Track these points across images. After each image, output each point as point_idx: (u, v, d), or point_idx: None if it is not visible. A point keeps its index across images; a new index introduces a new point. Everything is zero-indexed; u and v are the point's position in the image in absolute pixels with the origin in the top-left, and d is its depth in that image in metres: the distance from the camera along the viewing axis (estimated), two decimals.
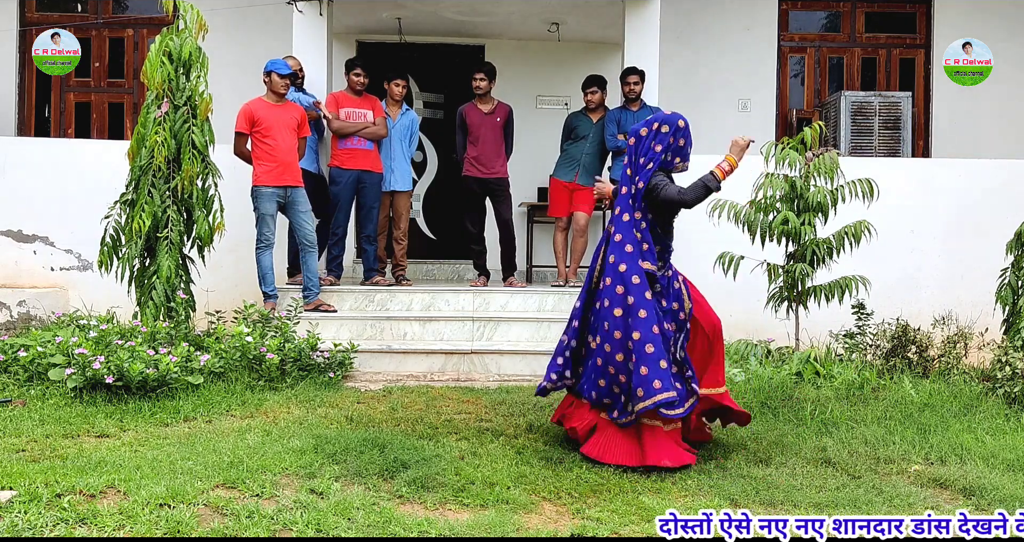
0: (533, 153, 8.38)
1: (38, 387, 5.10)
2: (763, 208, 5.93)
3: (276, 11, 7.73)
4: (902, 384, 5.34)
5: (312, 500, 3.38)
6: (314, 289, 6.44)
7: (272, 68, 6.31)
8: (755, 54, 9.05)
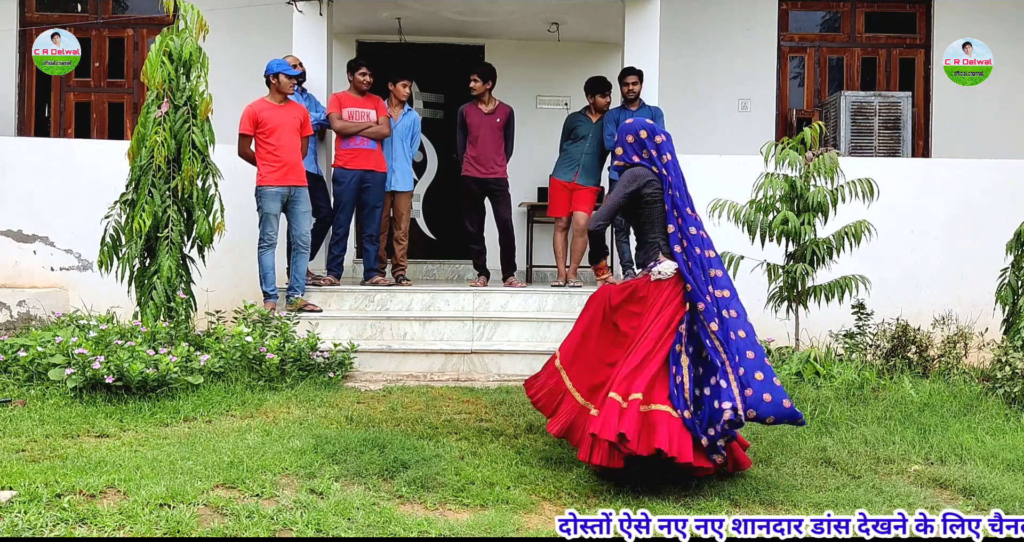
0: (533, 153, 8.38)
1: (38, 387, 5.10)
2: (763, 208, 5.93)
3: (276, 11, 7.73)
4: (902, 384, 5.34)
5: (312, 500, 3.38)
6: (299, 289, 6.45)
7: (280, 69, 6.33)
8: (755, 54, 9.05)
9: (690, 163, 7.29)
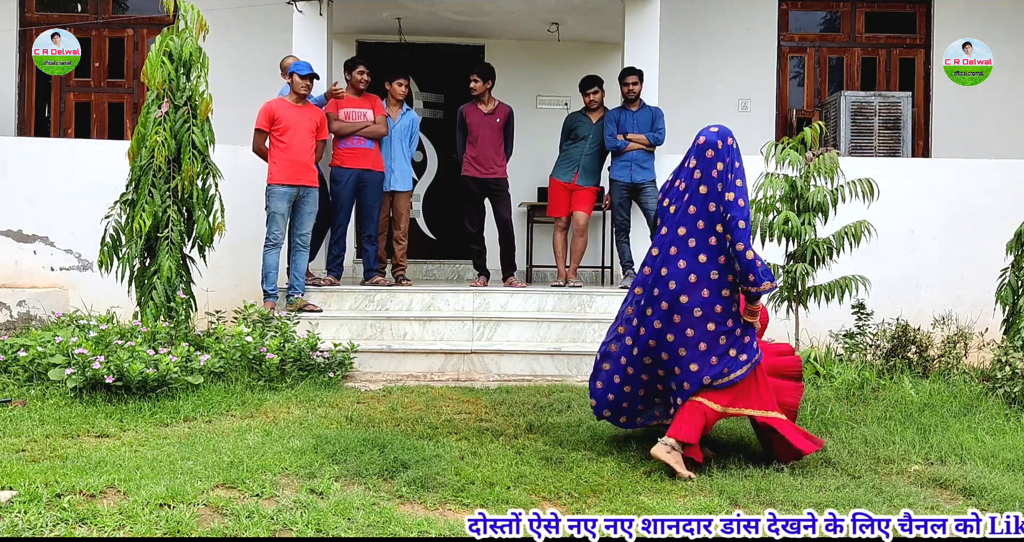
0: (533, 153, 8.38)
1: (38, 387, 5.10)
2: (763, 208, 5.93)
3: (276, 11, 7.73)
4: (902, 384, 5.34)
5: (312, 500, 3.38)
6: (299, 289, 6.46)
7: (293, 70, 6.43)
8: (755, 54, 9.06)
9: None
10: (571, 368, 6.14)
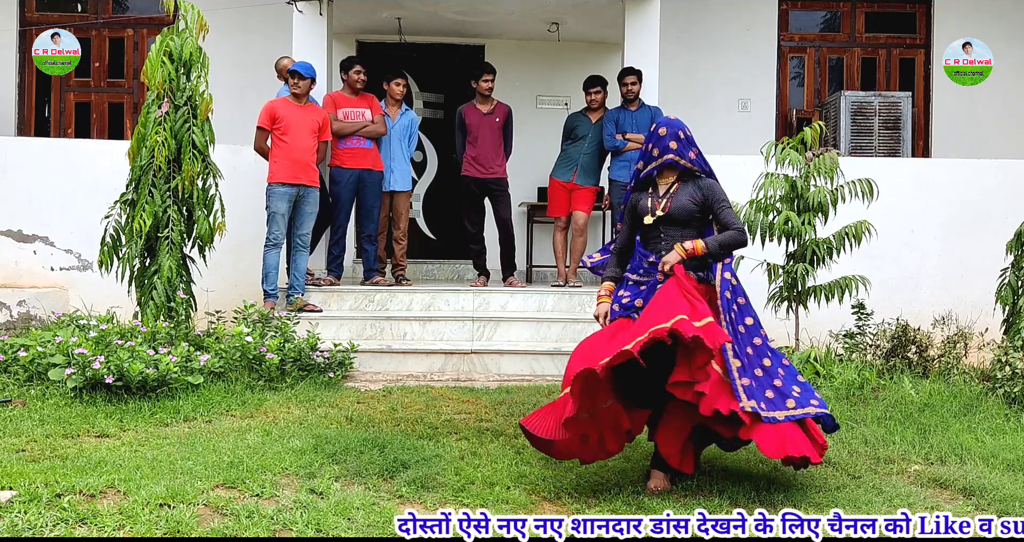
0: (533, 153, 8.38)
1: (38, 387, 5.10)
2: (763, 208, 5.93)
3: (276, 11, 7.73)
4: (902, 384, 5.34)
5: (312, 500, 3.38)
6: (299, 289, 6.46)
7: (300, 71, 6.47)
8: (755, 54, 9.06)
9: None
10: None
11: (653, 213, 3.84)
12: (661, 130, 3.86)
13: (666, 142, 3.84)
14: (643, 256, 3.90)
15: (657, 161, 3.86)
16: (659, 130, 3.87)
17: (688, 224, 3.85)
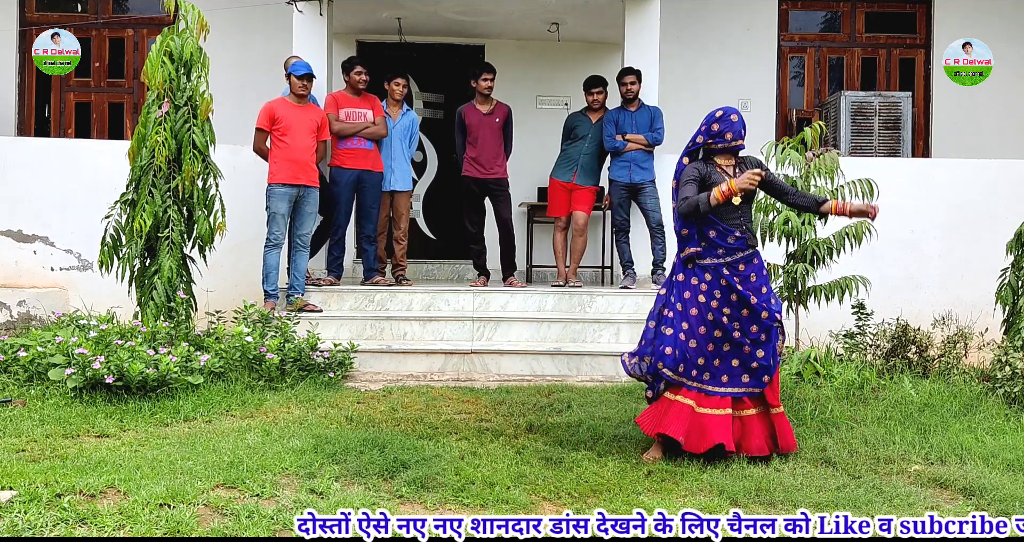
0: (533, 153, 8.38)
1: (38, 387, 5.10)
2: (763, 208, 5.93)
3: (276, 11, 7.73)
4: (902, 384, 5.34)
5: (312, 500, 3.38)
6: (299, 289, 6.46)
7: (290, 71, 6.46)
8: (755, 54, 9.06)
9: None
10: (571, 368, 6.14)
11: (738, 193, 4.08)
12: (733, 116, 4.22)
13: (738, 128, 4.19)
14: (728, 232, 4.14)
15: (730, 144, 4.19)
16: (731, 116, 4.22)
17: (752, 198, 4.27)
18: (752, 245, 4.17)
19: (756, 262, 4.19)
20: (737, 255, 4.13)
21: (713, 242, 4.13)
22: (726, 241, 4.12)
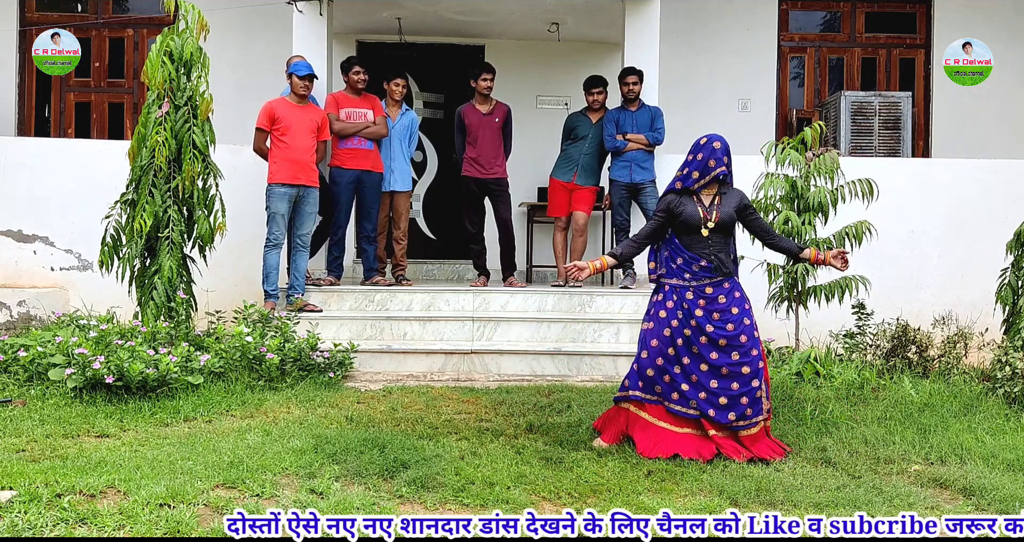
0: (533, 153, 8.38)
1: (38, 387, 5.10)
2: (763, 208, 5.93)
3: (276, 11, 7.73)
4: (902, 384, 5.34)
5: (312, 500, 3.38)
6: (299, 289, 6.46)
7: (292, 71, 6.45)
8: (755, 54, 9.06)
9: None
10: (571, 368, 6.14)
11: (706, 224, 4.22)
12: (716, 143, 4.23)
13: (720, 155, 4.22)
14: (693, 260, 4.24)
15: (713, 172, 4.22)
16: (714, 143, 4.23)
17: (731, 230, 4.30)
18: (724, 273, 4.24)
19: (727, 286, 4.26)
20: (704, 281, 4.23)
21: (680, 267, 4.26)
22: (691, 268, 4.24)
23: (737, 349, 4.18)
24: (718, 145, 4.22)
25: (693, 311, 4.20)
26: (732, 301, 4.23)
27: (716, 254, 4.22)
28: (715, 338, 4.17)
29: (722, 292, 4.23)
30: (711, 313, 4.20)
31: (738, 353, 4.17)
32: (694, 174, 4.25)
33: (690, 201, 4.26)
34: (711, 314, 4.20)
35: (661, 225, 4.33)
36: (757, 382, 4.19)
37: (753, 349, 4.20)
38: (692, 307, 4.20)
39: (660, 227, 4.33)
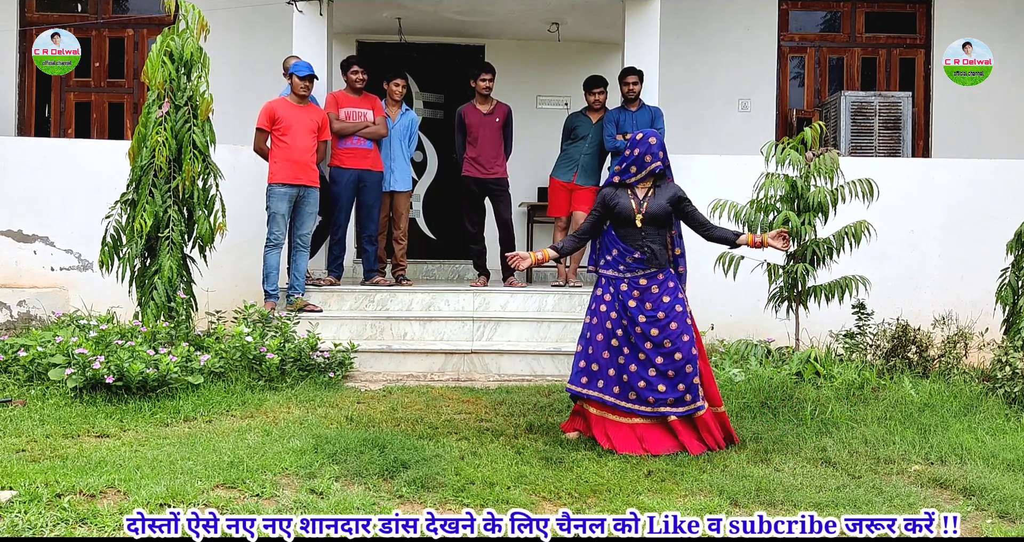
0: (533, 153, 8.38)
1: (38, 387, 5.10)
2: (763, 208, 5.93)
3: (276, 11, 7.73)
4: (902, 384, 5.34)
5: (312, 500, 3.38)
6: (299, 289, 6.46)
7: (293, 70, 6.46)
8: (755, 54, 9.05)
9: (690, 163, 7.34)
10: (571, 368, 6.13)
11: (638, 216, 4.37)
12: (651, 139, 4.39)
13: (655, 150, 4.37)
14: (627, 252, 4.39)
15: (649, 167, 4.37)
16: (649, 139, 4.39)
17: (664, 222, 4.42)
18: (657, 264, 4.38)
19: (661, 278, 4.38)
20: (638, 272, 4.37)
21: (615, 259, 4.41)
22: (625, 260, 4.39)
23: (668, 336, 4.30)
24: (654, 141, 4.38)
25: (627, 302, 4.34)
26: (664, 290, 4.37)
27: (649, 245, 4.36)
28: (647, 328, 4.30)
29: (655, 283, 4.37)
30: (644, 303, 4.34)
31: (669, 340, 4.29)
32: (631, 169, 4.41)
33: (625, 194, 4.43)
34: (644, 304, 4.34)
35: (599, 219, 4.49)
36: (691, 368, 4.29)
37: (684, 335, 4.31)
38: (626, 298, 4.35)
39: (598, 221, 4.50)
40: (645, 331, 4.30)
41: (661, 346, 4.28)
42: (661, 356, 4.28)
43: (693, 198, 4.54)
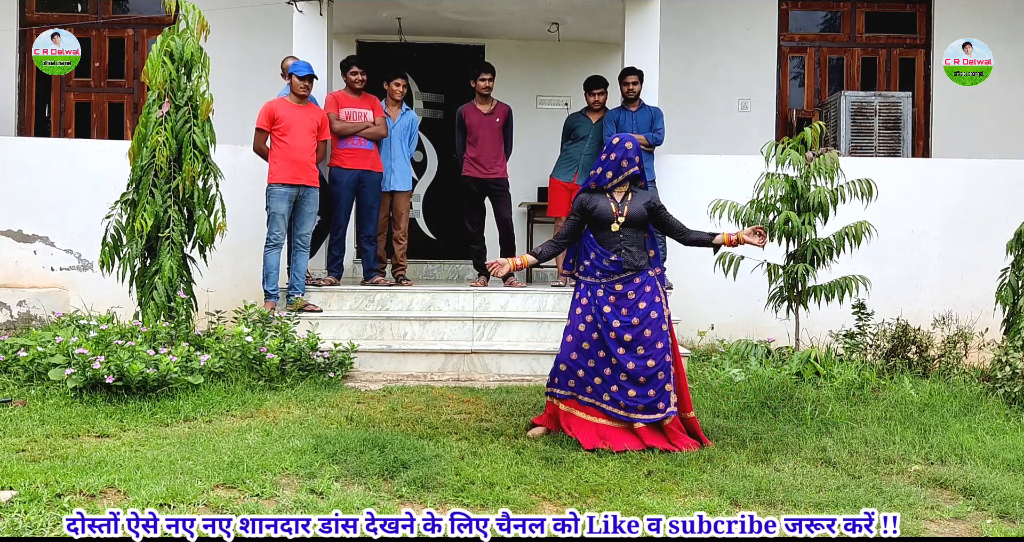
0: (533, 153, 8.38)
1: (38, 387, 5.10)
2: (763, 208, 5.93)
3: (276, 11, 7.73)
4: (902, 384, 5.34)
5: (312, 500, 3.38)
6: (299, 289, 6.46)
7: (292, 70, 6.46)
8: (755, 54, 9.06)
9: (690, 163, 7.35)
10: None
11: (616, 219, 4.42)
12: (628, 144, 4.44)
13: (632, 155, 4.43)
14: (604, 255, 4.43)
15: (627, 172, 4.43)
16: (626, 144, 4.44)
17: (641, 225, 4.46)
18: (634, 268, 4.41)
19: (638, 282, 4.41)
20: (614, 277, 4.41)
21: (593, 263, 4.45)
22: (602, 263, 4.43)
23: (642, 343, 4.32)
24: (630, 146, 4.42)
25: (602, 307, 4.37)
26: (641, 296, 4.39)
27: (627, 248, 4.41)
28: (620, 334, 4.33)
29: (632, 288, 4.40)
30: (619, 309, 4.37)
31: (643, 347, 4.32)
32: (608, 173, 4.45)
33: (602, 198, 4.47)
34: (619, 310, 4.36)
35: (578, 224, 4.53)
36: (663, 375, 4.31)
37: (658, 342, 4.33)
38: (601, 304, 4.39)
39: (577, 226, 4.54)
40: (619, 336, 4.33)
41: (634, 352, 4.31)
42: (633, 361, 4.30)
43: (693, 198, 4.58)
